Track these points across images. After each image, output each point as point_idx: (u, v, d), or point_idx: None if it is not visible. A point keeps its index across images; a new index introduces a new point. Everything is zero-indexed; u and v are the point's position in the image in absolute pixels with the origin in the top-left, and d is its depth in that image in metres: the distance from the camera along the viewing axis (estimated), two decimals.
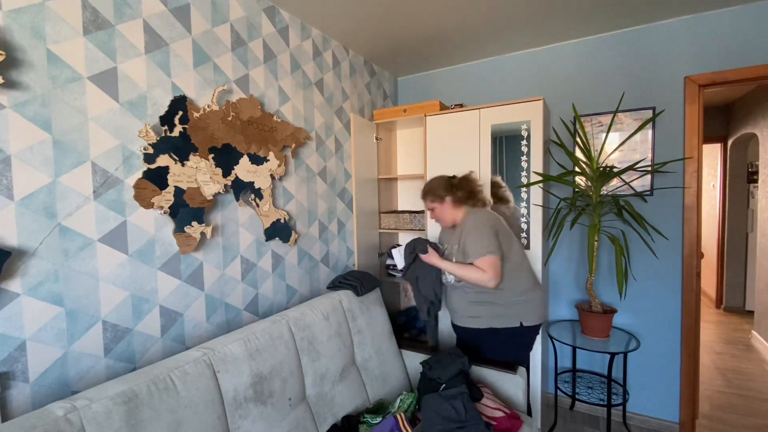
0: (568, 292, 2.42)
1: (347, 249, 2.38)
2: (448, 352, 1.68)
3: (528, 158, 2.10)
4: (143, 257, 1.28)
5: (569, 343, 2.01)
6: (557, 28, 2.18)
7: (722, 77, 1.99)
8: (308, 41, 2.05)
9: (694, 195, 2.08)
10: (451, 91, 2.78)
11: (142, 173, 1.26)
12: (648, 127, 2.16)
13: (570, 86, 2.36)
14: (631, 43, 2.19)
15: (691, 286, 2.10)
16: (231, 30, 1.61)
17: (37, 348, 1.03)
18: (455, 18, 2.03)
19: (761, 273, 3.37)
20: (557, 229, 2.07)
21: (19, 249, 0.99)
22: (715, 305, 4.54)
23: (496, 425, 1.44)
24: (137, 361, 1.26)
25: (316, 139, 2.10)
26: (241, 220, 1.65)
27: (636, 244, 2.18)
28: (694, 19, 2.04)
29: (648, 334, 2.22)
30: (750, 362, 3.10)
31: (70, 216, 1.09)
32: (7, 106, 0.97)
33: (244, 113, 1.64)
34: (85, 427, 0.86)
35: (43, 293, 1.04)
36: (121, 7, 1.22)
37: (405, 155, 2.91)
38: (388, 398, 1.71)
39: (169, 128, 1.35)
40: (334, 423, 1.46)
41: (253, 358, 1.28)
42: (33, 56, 1.02)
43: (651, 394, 2.23)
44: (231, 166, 1.58)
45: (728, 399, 2.55)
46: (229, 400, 1.17)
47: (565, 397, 2.45)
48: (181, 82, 1.40)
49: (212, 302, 1.52)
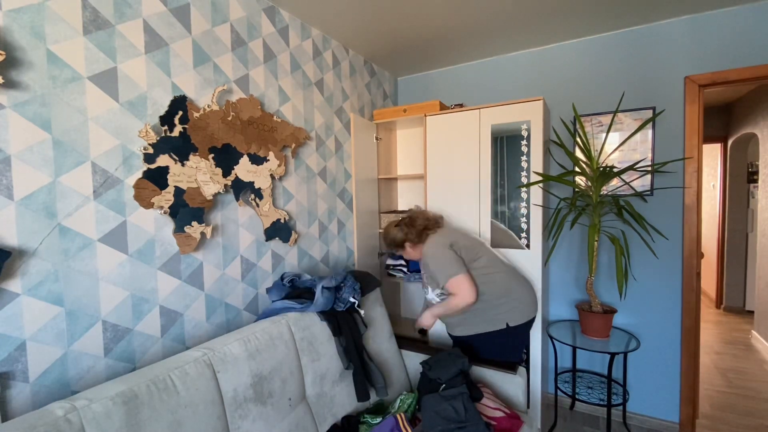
0: (568, 292, 2.42)
1: (347, 249, 2.38)
2: (448, 353, 1.68)
3: (528, 158, 2.10)
4: (143, 257, 1.28)
5: (569, 343, 2.01)
6: (557, 28, 2.18)
7: (722, 77, 1.99)
8: (308, 41, 2.05)
9: (694, 195, 2.08)
10: (451, 91, 2.78)
11: (142, 173, 1.26)
12: (648, 127, 2.16)
13: (570, 86, 2.36)
14: (631, 43, 2.19)
15: (691, 286, 2.10)
16: (231, 30, 1.61)
17: (37, 348, 1.03)
18: (455, 18, 2.03)
19: (761, 273, 3.37)
20: (557, 229, 2.07)
21: (19, 249, 0.99)
22: (715, 305, 4.54)
23: (496, 425, 1.44)
24: (137, 361, 1.26)
25: (316, 139, 2.10)
26: (241, 220, 1.65)
27: (636, 244, 2.18)
28: (694, 19, 2.04)
29: (648, 334, 2.22)
30: (750, 362, 3.10)
31: (70, 216, 1.09)
32: (7, 106, 0.97)
33: (244, 113, 1.64)
34: (85, 427, 0.86)
35: (43, 293, 1.04)
36: (121, 7, 1.22)
37: (405, 155, 2.91)
38: (388, 398, 1.71)
39: (169, 128, 1.35)
40: (334, 423, 1.46)
41: (253, 358, 1.27)
42: (33, 56, 1.02)
43: (651, 394, 2.23)
44: (231, 166, 1.58)
45: (728, 399, 2.55)
46: (229, 400, 1.17)
47: (565, 397, 2.45)
48: (181, 82, 1.40)
49: (212, 302, 1.52)
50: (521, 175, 2.12)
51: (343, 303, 1.64)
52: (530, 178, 2.10)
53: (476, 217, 2.24)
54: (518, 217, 2.14)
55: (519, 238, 2.14)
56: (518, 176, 2.13)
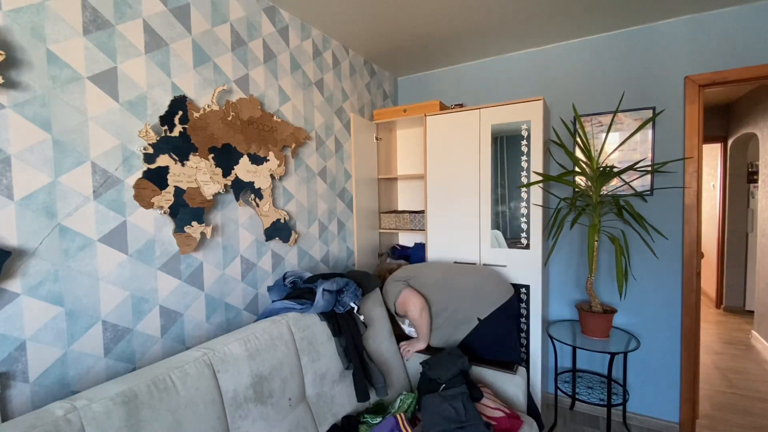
0: (568, 292, 2.42)
1: (347, 249, 2.38)
2: (448, 352, 1.68)
3: (528, 158, 2.10)
4: (143, 257, 1.28)
5: (569, 343, 2.01)
6: (557, 28, 2.18)
7: (722, 77, 1.99)
8: (308, 41, 2.05)
9: (694, 195, 2.08)
10: (451, 91, 2.78)
11: (142, 173, 1.26)
12: (648, 127, 2.16)
13: (570, 86, 2.36)
14: (631, 43, 2.19)
15: (691, 286, 2.10)
16: (231, 30, 1.61)
17: (37, 348, 1.03)
18: (455, 18, 2.03)
19: (761, 273, 3.37)
20: (557, 229, 2.07)
21: (19, 249, 0.99)
22: (715, 305, 4.54)
23: (496, 425, 1.44)
24: (137, 361, 1.26)
25: (316, 139, 2.10)
26: (241, 220, 1.65)
27: (636, 244, 2.18)
28: (694, 19, 2.04)
29: (648, 334, 2.22)
30: (750, 362, 3.09)
31: (70, 216, 1.09)
32: (7, 106, 0.97)
33: (244, 113, 1.64)
34: (84, 427, 0.86)
35: (43, 293, 1.04)
36: (121, 7, 1.22)
37: (405, 155, 2.91)
38: (388, 398, 1.71)
39: (169, 128, 1.35)
40: (334, 423, 1.46)
41: (253, 358, 1.27)
42: (33, 56, 1.02)
43: (651, 394, 2.23)
44: (231, 166, 1.58)
45: (728, 399, 2.55)
46: (229, 401, 1.17)
47: (565, 397, 2.45)
48: (181, 82, 1.40)
49: (212, 302, 1.52)
50: (521, 175, 2.12)
51: (343, 306, 1.64)
52: (530, 178, 2.10)
53: (476, 217, 2.24)
54: (518, 216, 2.14)
55: (519, 238, 2.14)
56: (518, 176, 2.13)
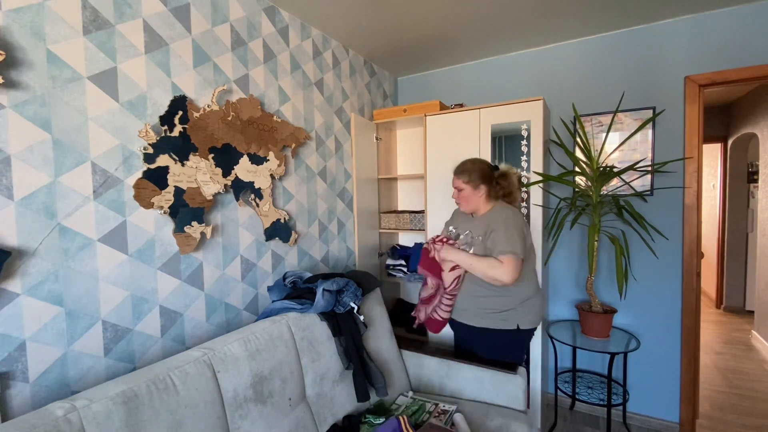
0: (568, 292, 2.42)
1: (347, 249, 2.38)
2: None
3: (528, 158, 2.10)
4: (143, 257, 1.28)
5: (569, 343, 2.01)
6: (557, 28, 2.18)
7: (722, 77, 1.99)
8: (308, 41, 2.05)
9: (694, 195, 2.08)
10: (451, 91, 2.78)
11: (142, 173, 1.26)
12: (648, 127, 2.16)
13: (570, 86, 2.36)
14: (631, 43, 2.19)
15: (691, 286, 2.10)
16: (231, 30, 1.61)
17: (37, 348, 1.03)
18: (455, 18, 2.03)
19: (761, 273, 3.37)
20: (557, 229, 2.07)
21: (19, 249, 0.99)
22: (715, 305, 4.54)
23: None
24: (137, 361, 1.26)
25: (316, 139, 2.10)
26: (241, 220, 1.65)
27: (636, 244, 2.18)
28: (694, 19, 2.04)
29: (648, 334, 2.22)
30: (750, 362, 3.09)
31: (69, 216, 1.09)
32: (7, 106, 0.97)
33: (244, 113, 1.64)
34: (84, 427, 0.86)
35: (42, 293, 1.04)
36: (121, 7, 1.22)
37: (405, 155, 2.91)
38: (388, 398, 1.71)
39: (169, 128, 1.35)
40: (334, 423, 1.46)
41: (253, 358, 1.27)
42: (33, 56, 1.02)
43: (651, 394, 2.23)
44: (231, 166, 1.58)
45: (728, 399, 2.55)
46: (229, 400, 1.17)
47: (565, 397, 2.44)
48: (181, 82, 1.40)
49: (212, 302, 1.52)
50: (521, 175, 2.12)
51: (343, 306, 1.64)
52: (530, 178, 2.10)
53: None
54: None
55: None
56: None
